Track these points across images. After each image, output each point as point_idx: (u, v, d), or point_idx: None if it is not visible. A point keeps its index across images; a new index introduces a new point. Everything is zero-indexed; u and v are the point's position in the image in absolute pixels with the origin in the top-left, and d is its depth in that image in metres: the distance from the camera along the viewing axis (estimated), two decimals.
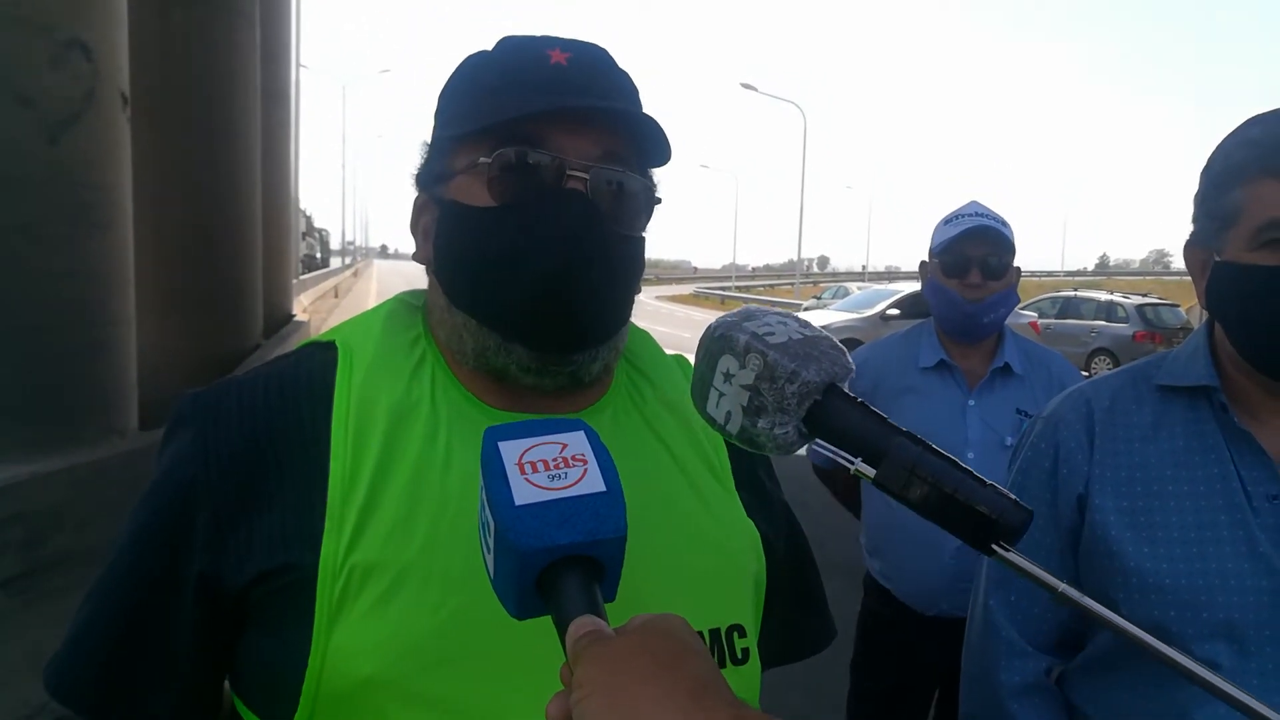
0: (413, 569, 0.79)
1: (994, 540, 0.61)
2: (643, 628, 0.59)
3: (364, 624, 0.77)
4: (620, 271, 0.88)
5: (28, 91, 2.76)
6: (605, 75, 0.90)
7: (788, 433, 0.67)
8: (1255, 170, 1.15)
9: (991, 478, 2.15)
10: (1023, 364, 2.47)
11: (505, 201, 0.85)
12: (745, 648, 0.90)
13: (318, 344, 0.93)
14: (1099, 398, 1.35)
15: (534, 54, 0.88)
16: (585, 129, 0.86)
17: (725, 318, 0.72)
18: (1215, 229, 1.21)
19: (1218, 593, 1.18)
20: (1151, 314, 17.58)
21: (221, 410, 0.86)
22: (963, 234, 2.38)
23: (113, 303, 3.10)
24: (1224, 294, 1.22)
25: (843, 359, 0.68)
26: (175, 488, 0.84)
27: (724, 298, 46.09)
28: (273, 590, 0.79)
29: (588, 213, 0.84)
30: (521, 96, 0.85)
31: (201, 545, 0.81)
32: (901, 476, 0.62)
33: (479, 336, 0.88)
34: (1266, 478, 1.21)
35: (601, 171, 0.86)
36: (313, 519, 0.80)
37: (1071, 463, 1.32)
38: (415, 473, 0.82)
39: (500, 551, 0.64)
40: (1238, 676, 1.16)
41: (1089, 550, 1.30)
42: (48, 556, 2.52)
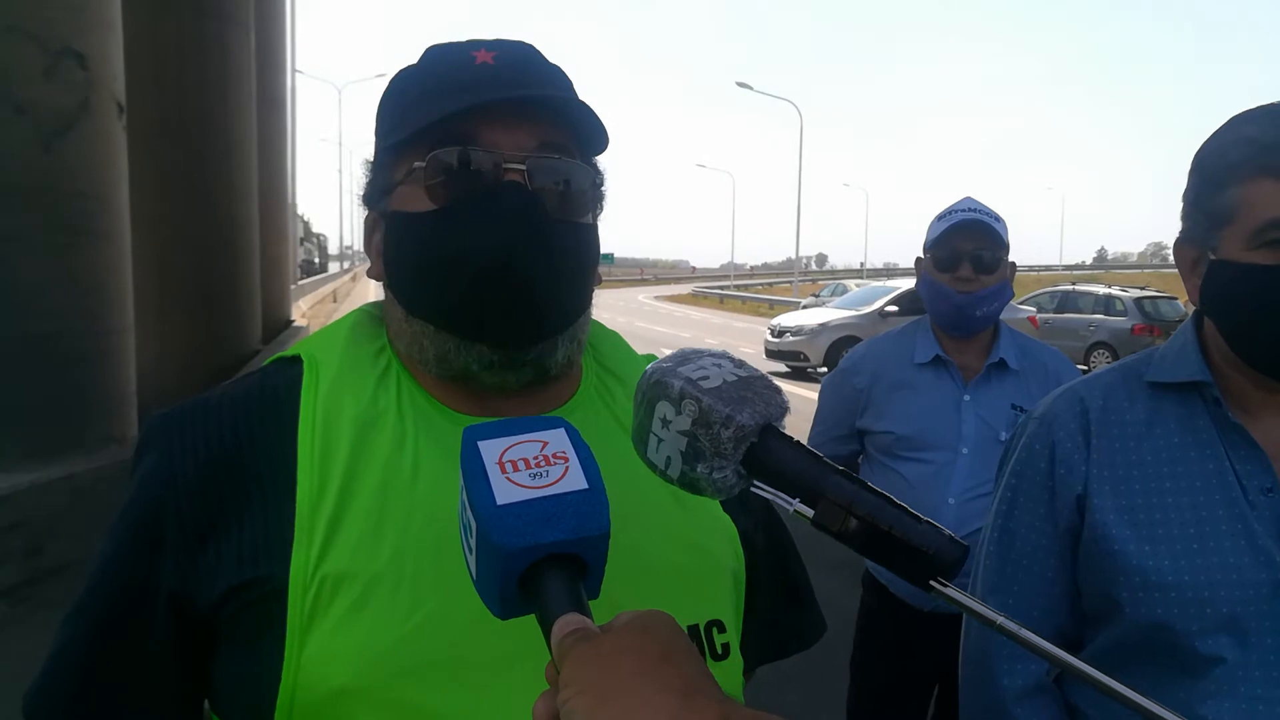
0: (383, 578, 0.79)
1: (931, 576, 0.61)
2: (629, 625, 0.59)
3: (336, 634, 0.77)
4: (569, 259, 0.88)
5: (22, 101, 2.76)
6: (534, 69, 0.90)
7: (726, 476, 0.67)
8: (1253, 169, 1.15)
9: (987, 472, 2.15)
10: (1019, 359, 2.48)
11: (445, 203, 0.86)
12: (725, 643, 0.91)
13: (284, 359, 0.93)
14: (1092, 396, 1.35)
15: (460, 57, 0.89)
16: (519, 121, 0.86)
17: (660, 363, 0.72)
18: (1209, 227, 1.21)
19: (1219, 588, 1.18)
20: (1150, 307, 17.56)
21: (187, 430, 0.86)
22: (953, 228, 2.40)
23: (110, 311, 3.10)
24: (1219, 292, 1.21)
25: (777, 399, 0.69)
26: (144, 509, 0.84)
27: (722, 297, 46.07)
28: (244, 605, 0.80)
29: (526, 203, 0.84)
30: (450, 97, 0.85)
31: (172, 565, 0.82)
32: (838, 515, 0.63)
33: (438, 341, 0.88)
34: (1261, 471, 1.21)
35: (539, 162, 0.86)
36: (282, 532, 0.80)
37: (1069, 462, 1.32)
38: (383, 482, 0.82)
39: (483, 552, 0.63)
40: (1240, 670, 1.16)
41: (1089, 550, 1.29)
42: (48, 565, 2.52)
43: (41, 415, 2.83)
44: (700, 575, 0.91)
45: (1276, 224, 1.12)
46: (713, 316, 35.28)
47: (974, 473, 2.37)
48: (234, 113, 5.60)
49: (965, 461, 2.39)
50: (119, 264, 3.19)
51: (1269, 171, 1.13)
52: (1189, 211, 1.27)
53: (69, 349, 2.92)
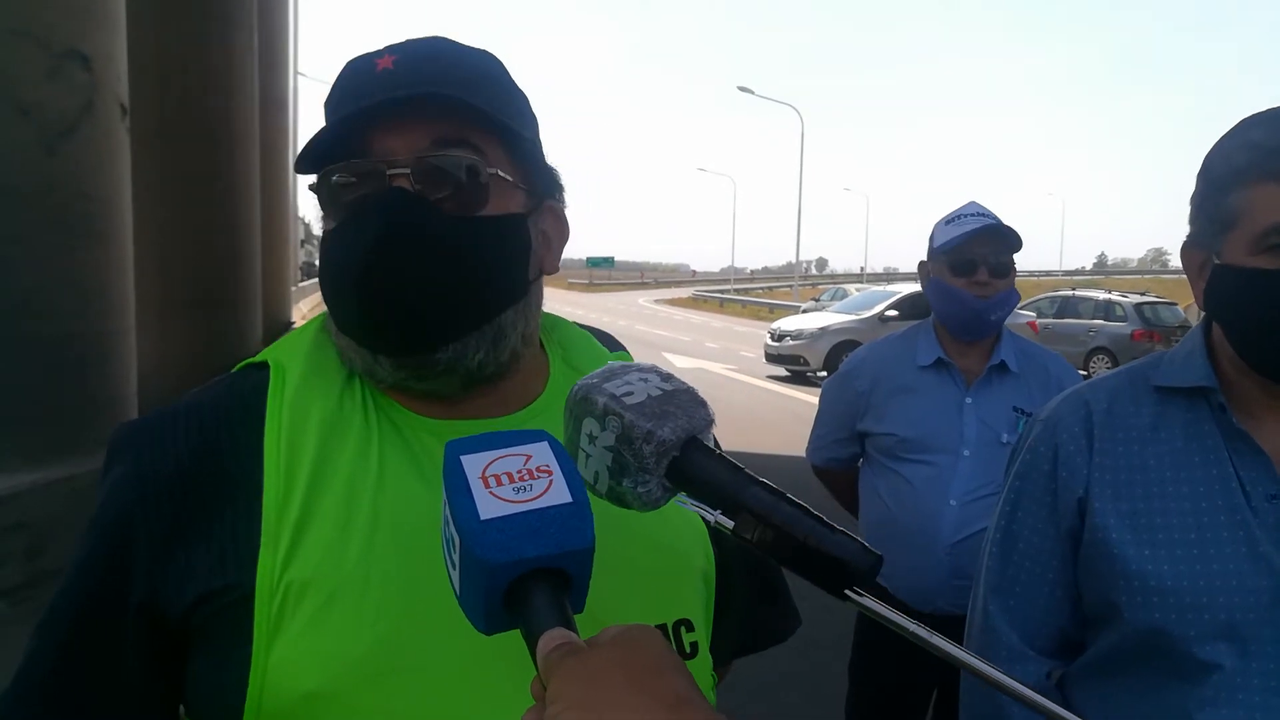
0: (349, 583, 0.78)
1: (846, 585, 0.62)
2: (616, 640, 0.58)
3: (302, 639, 0.77)
4: (462, 254, 0.85)
5: (26, 102, 2.76)
6: (434, 65, 0.87)
7: (651, 490, 0.68)
8: (1257, 174, 1.15)
9: (988, 474, 2.19)
10: (1019, 362, 2.50)
11: (338, 220, 0.86)
12: (694, 641, 0.91)
13: (252, 365, 0.93)
14: (1097, 399, 1.35)
15: (364, 66, 0.87)
16: (409, 122, 0.84)
17: (587, 379, 0.73)
18: (1214, 231, 1.21)
19: (1219, 594, 1.18)
20: (1150, 313, 17.57)
21: (155, 438, 0.86)
22: (972, 233, 2.41)
23: (111, 312, 3.10)
24: (1224, 297, 1.22)
25: (701, 411, 0.70)
26: (113, 519, 0.84)
27: (722, 301, 46.07)
28: (213, 611, 0.80)
29: (399, 204, 0.82)
30: (339, 108, 0.85)
31: (142, 574, 0.82)
32: (755, 526, 0.64)
33: (360, 355, 0.87)
34: (1266, 478, 1.21)
35: (425, 162, 0.84)
36: (250, 538, 0.80)
37: (1071, 465, 1.32)
38: (348, 486, 0.82)
39: (466, 567, 0.63)
40: (1239, 677, 1.16)
41: (1089, 554, 1.29)
42: (48, 566, 2.52)
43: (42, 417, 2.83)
44: (669, 575, 0.91)
45: (1278, 229, 1.12)
46: (713, 320, 35.28)
47: (975, 475, 2.38)
48: (236, 115, 5.61)
49: (967, 464, 2.40)
50: (121, 266, 3.19)
51: (1273, 176, 1.13)
52: (1195, 215, 1.27)
53: (70, 351, 2.92)
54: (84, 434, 2.91)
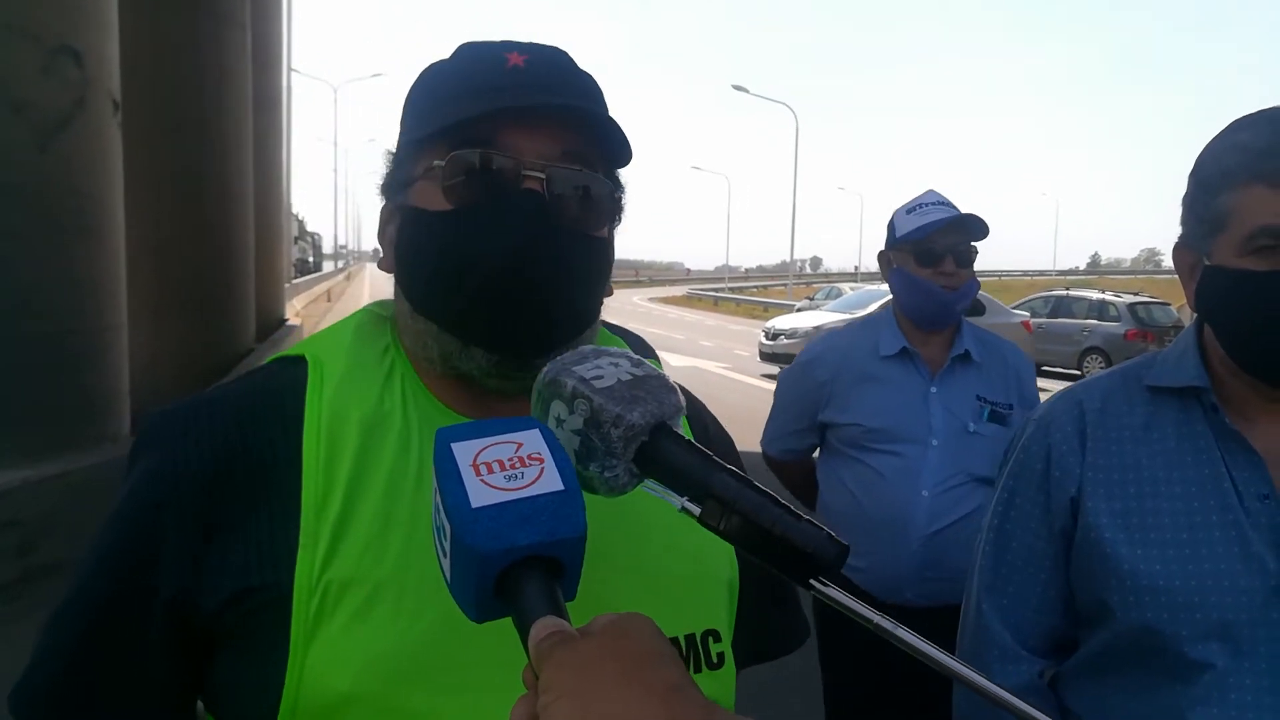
0: (389, 583, 0.78)
1: (812, 575, 0.62)
2: (608, 629, 0.58)
3: (341, 639, 0.77)
4: (579, 272, 0.87)
5: (18, 98, 2.75)
6: (564, 75, 0.89)
7: (618, 475, 0.68)
8: (1245, 175, 1.15)
9: (958, 463, 2.21)
10: (979, 351, 2.51)
11: (460, 205, 0.85)
12: (720, 652, 0.91)
13: (287, 359, 0.92)
14: (1090, 399, 1.35)
15: (491, 58, 0.87)
16: (542, 128, 0.85)
17: (556, 361, 0.73)
18: (1204, 233, 1.22)
19: (1211, 593, 1.18)
20: (1143, 312, 17.64)
21: (190, 429, 0.84)
22: (941, 223, 2.42)
23: (104, 309, 3.09)
24: (1213, 298, 1.22)
25: (671, 398, 0.70)
26: (144, 510, 0.83)
27: (717, 299, 46.07)
28: (248, 610, 0.79)
29: (542, 213, 0.83)
30: (477, 98, 0.84)
31: (172, 569, 0.80)
32: (721, 513, 0.63)
33: (441, 342, 0.87)
34: (1258, 478, 1.21)
35: (559, 171, 0.85)
36: (287, 537, 0.79)
37: (1064, 465, 1.33)
38: (389, 486, 0.82)
39: (458, 555, 0.63)
40: (1231, 677, 1.16)
41: (1082, 553, 1.30)
42: (41, 562, 2.51)
43: (35, 413, 2.82)
44: (697, 585, 0.91)
45: (1267, 231, 1.13)
46: (707, 319, 35.26)
47: (945, 464, 2.38)
48: (230, 111, 5.59)
49: (936, 453, 2.40)
50: (113, 262, 3.18)
51: (1261, 178, 1.14)
52: (1186, 217, 1.27)
53: (63, 347, 2.91)
54: (77, 431, 2.90)
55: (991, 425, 2.43)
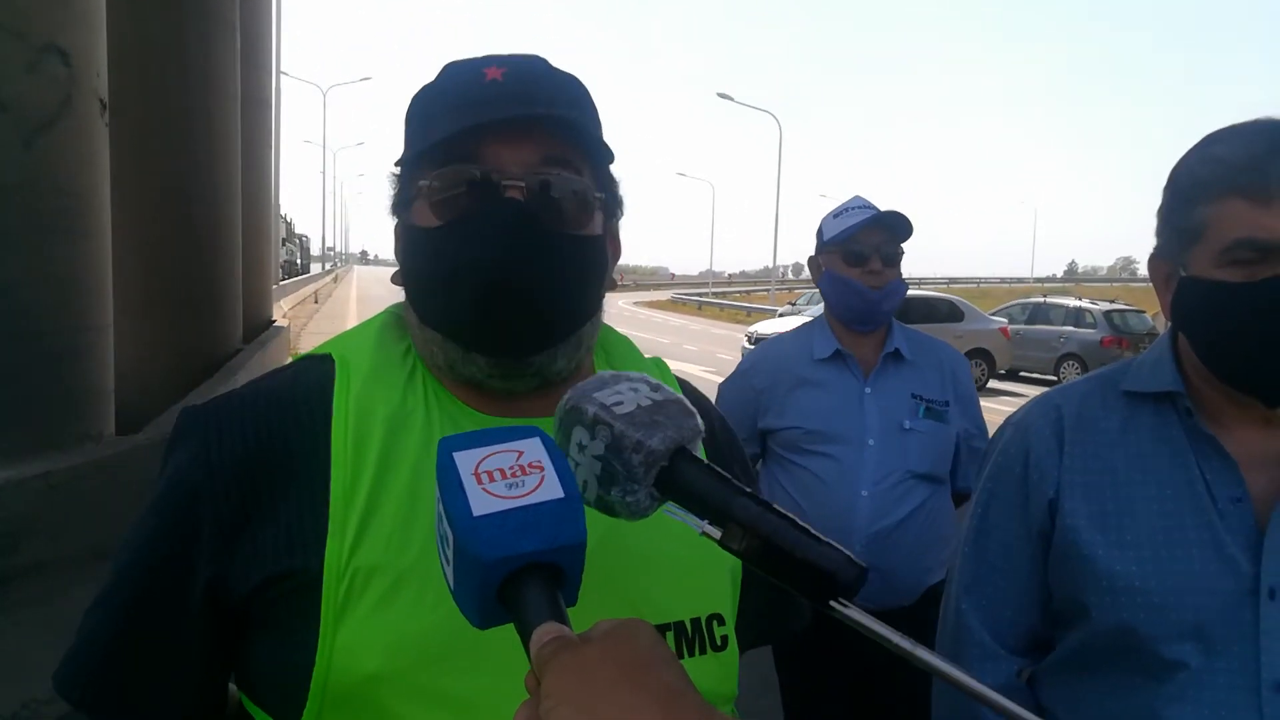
0: (413, 571, 0.82)
1: (832, 596, 0.62)
2: (609, 634, 0.59)
3: (368, 623, 0.81)
4: (567, 271, 0.91)
5: (2, 97, 2.74)
6: (542, 84, 0.93)
7: (639, 499, 0.69)
8: (1221, 188, 1.17)
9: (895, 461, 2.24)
10: (911, 350, 2.55)
11: (447, 219, 0.90)
12: (724, 635, 0.94)
13: (315, 357, 0.97)
14: (1068, 403, 1.37)
15: (471, 74, 0.92)
16: (522, 138, 0.89)
17: (577, 388, 0.74)
18: (1181, 244, 1.23)
19: (1186, 594, 1.20)
20: (1119, 320, 17.80)
21: (224, 422, 0.90)
22: (863, 224, 2.46)
23: (89, 308, 3.08)
24: (1190, 308, 1.24)
25: (690, 422, 0.71)
26: (181, 498, 0.87)
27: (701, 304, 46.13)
28: (279, 594, 0.83)
29: (522, 219, 0.87)
30: (458, 115, 0.89)
31: (208, 553, 0.85)
32: (742, 536, 0.64)
33: (446, 350, 0.92)
34: (1231, 481, 1.23)
35: (538, 177, 0.89)
36: (316, 525, 0.83)
37: (1042, 468, 1.34)
38: (413, 479, 0.86)
39: (460, 563, 0.64)
40: (1205, 676, 1.18)
41: (1060, 554, 1.32)
42: (23, 563, 2.50)
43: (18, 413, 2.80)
44: (701, 570, 0.94)
45: (1244, 243, 1.14)
46: (691, 323, 35.31)
47: (882, 463, 2.41)
48: (218, 113, 5.56)
49: (873, 453, 2.42)
50: (99, 262, 3.16)
51: (1237, 190, 1.15)
52: (1162, 228, 1.29)
53: (47, 346, 2.90)
54: (60, 431, 2.89)
55: (928, 422, 2.47)
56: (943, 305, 17.27)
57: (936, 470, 2.47)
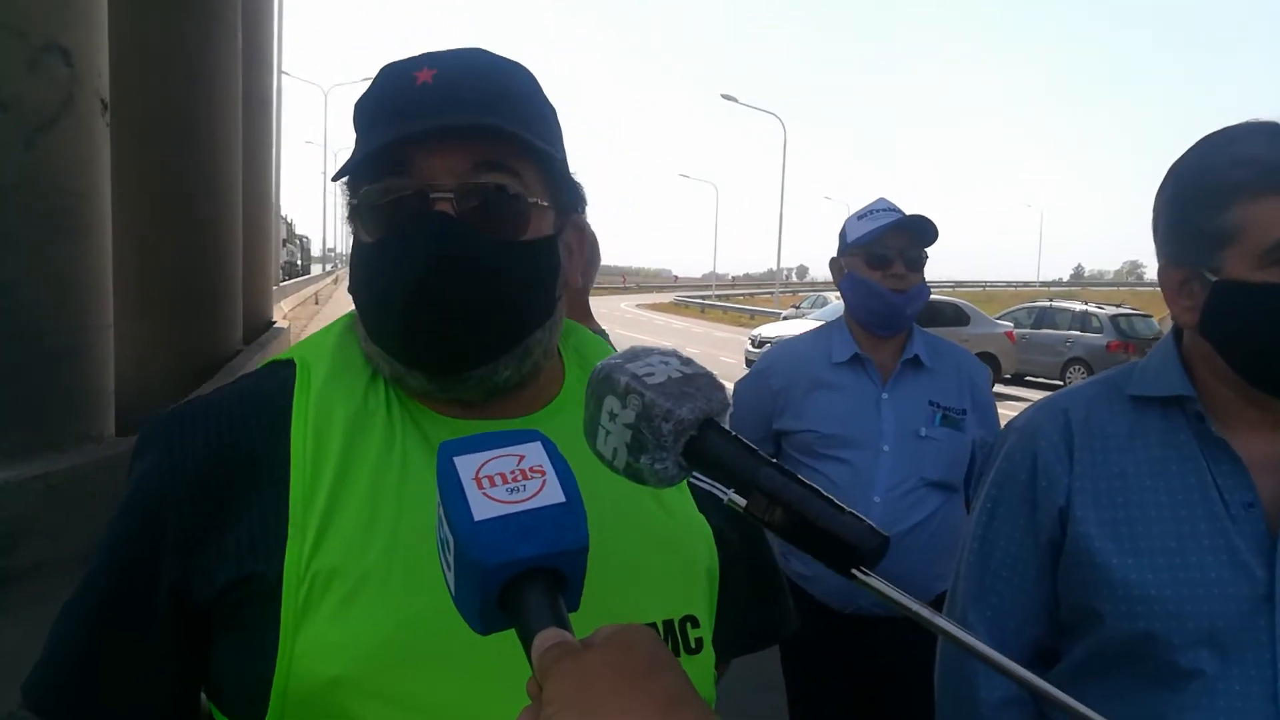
0: (373, 573, 0.81)
1: (853, 565, 0.63)
2: (610, 641, 0.59)
3: (329, 626, 0.80)
4: (503, 281, 0.88)
5: (4, 96, 2.73)
6: (472, 84, 0.89)
7: (667, 467, 0.70)
8: (1260, 187, 1.15)
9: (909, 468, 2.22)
10: (930, 356, 2.52)
11: (380, 234, 0.88)
12: (699, 637, 0.93)
13: (278, 362, 0.96)
14: (1075, 408, 1.35)
15: (403, 78, 0.89)
16: (451, 146, 0.86)
17: (610, 359, 0.75)
18: (1207, 248, 1.20)
19: (1201, 601, 1.19)
20: (1125, 324, 17.74)
21: (186, 429, 0.89)
22: (887, 227, 2.43)
23: (90, 308, 3.08)
24: (1229, 314, 1.20)
25: (719, 395, 0.72)
26: (144, 505, 0.87)
27: (704, 306, 46.13)
28: (241, 599, 0.82)
29: (448, 232, 0.85)
30: (386, 125, 0.87)
31: (171, 559, 0.85)
32: (767, 505, 0.65)
33: (390, 364, 0.91)
34: (1243, 485, 1.22)
35: (468, 185, 0.87)
36: (277, 528, 0.83)
37: (1051, 474, 1.32)
38: (373, 480, 0.85)
39: (461, 568, 0.64)
40: (1219, 684, 1.17)
41: (1071, 562, 1.30)
42: (22, 564, 2.49)
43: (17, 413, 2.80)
44: (676, 572, 0.94)
45: None
46: (694, 326, 35.30)
47: (896, 469, 2.39)
48: (220, 113, 5.57)
49: (887, 459, 2.40)
50: (99, 262, 3.16)
51: (1277, 190, 1.13)
52: (1174, 234, 1.26)
53: (47, 347, 2.89)
54: (60, 432, 2.88)
55: (944, 429, 2.45)
56: (948, 309, 17.22)
57: (950, 478, 2.45)
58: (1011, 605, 1.37)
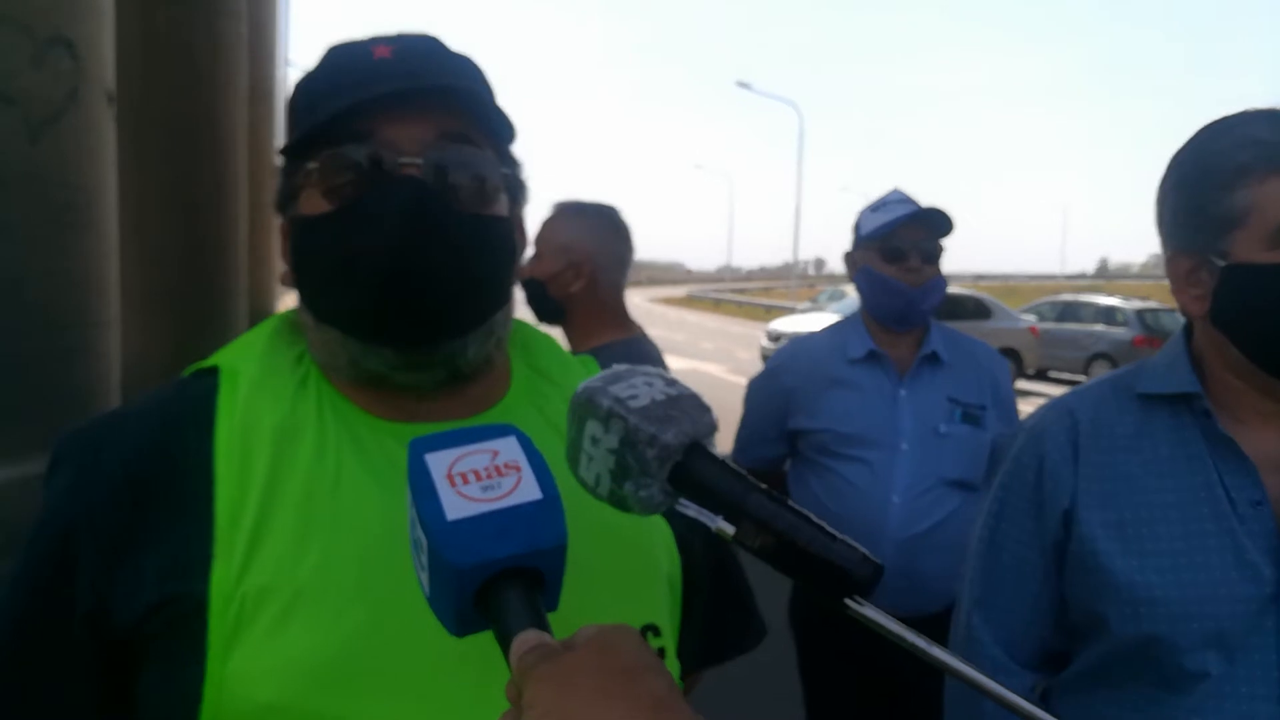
0: (308, 589, 0.77)
1: (847, 594, 0.62)
2: (591, 643, 0.57)
3: (261, 648, 0.75)
4: (473, 252, 0.86)
5: (9, 90, 2.72)
6: (433, 60, 0.88)
7: (653, 494, 0.68)
8: (1266, 168, 1.15)
9: (928, 467, 2.18)
10: (949, 352, 2.47)
11: (340, 204, 0.84)
12: (660, 647, 0.90)
13: (202, 370, 0.91)
14: (1082, 408, 1.34)
15: (357, 53, 0.87)
16: (417, 114, 0.84)
17: (591, 381, 0.73)
18: (1214, 232, 1.19)
19: (1208, 603, 1.18)
20: (1151, 319, 17.55)
21: (100, 445, 0.85)
22: (902, 219, 2.38)
23: (94, 304, 3.07)
24: (1241, 297, 1.18)
25: (705, 417, 0.70)
26: (56, 529, 0.83)
27: (718, 301, 46.15)
28: (164, 623, 0.78)
29: (422, 199, 0.82)
30: (343, 93, 0.83)
31: (87, 584, 0.80)
32: (757, 533, 0.63)
33: (347, 346, 0.86)
34: (1250, 484, 1.20)
35: (435, 154, 0.84)
36: (201, 546, 0.78)
37: (1056, 476, 1.31)
38: (305, 492, 0.80)
39: (435, 570, 0.62)
40: (1227, 685, 1.16)
41: (1077, 564, 1.29)
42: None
43: (21, 410, 2.79)
44: (636, 579, 0.91)
45: None
46: (708, 320, 35.34)
47: (916, 469, 2.34)
48: (224, 106, 5.57)
49: (906, 458, 2.36)
50: (105, 256, 3.15)
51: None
52: (1180, 221, 1.25)
53: (53, 343, 2.88)
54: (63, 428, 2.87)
55: (964, 427, 2.39)
56: (969, 302, 17.09)
57: (970, 477, 2.39)
58: (1017, 608, 1.36)
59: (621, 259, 2.41)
